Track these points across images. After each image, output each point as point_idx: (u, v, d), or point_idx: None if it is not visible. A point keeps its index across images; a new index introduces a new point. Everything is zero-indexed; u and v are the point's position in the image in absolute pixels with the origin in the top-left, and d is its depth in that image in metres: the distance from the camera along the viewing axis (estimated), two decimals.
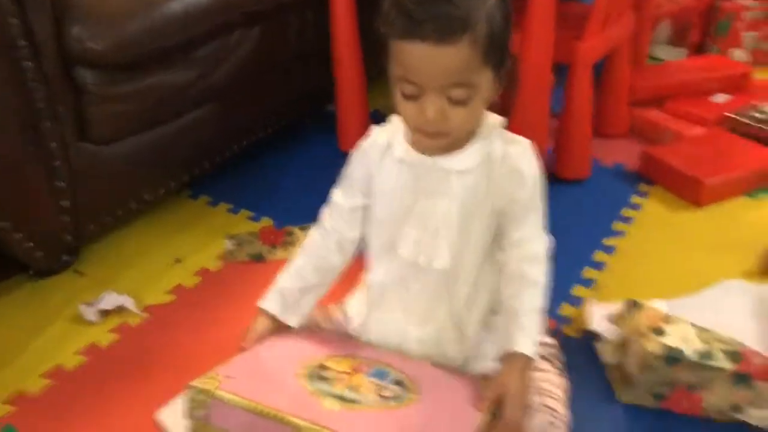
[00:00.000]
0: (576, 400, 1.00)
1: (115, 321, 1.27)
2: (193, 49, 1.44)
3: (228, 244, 1.47)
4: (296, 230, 1.50)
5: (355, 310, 1.03)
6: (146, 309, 1.30)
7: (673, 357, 1.01)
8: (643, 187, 1.64)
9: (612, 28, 1.62)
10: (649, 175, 1.65)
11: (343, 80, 1.76)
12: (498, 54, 0.81)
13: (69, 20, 1.22)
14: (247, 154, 1.75)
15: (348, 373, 0.86)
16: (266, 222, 1.56)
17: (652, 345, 1.02)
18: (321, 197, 0.99)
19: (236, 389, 0.80)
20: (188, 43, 1.41)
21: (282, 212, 1.57)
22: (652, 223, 1.52)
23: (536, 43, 1.41)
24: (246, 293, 1.31)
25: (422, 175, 0.89)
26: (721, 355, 1.01)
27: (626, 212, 1.56)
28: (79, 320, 1.27)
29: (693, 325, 1.06)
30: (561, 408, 0.97)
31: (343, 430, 0.74)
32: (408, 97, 0.81)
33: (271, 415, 0.77)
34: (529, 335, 0.87)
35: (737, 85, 1.94)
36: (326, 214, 0.99)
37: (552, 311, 1.24)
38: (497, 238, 0.92)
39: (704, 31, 2.36)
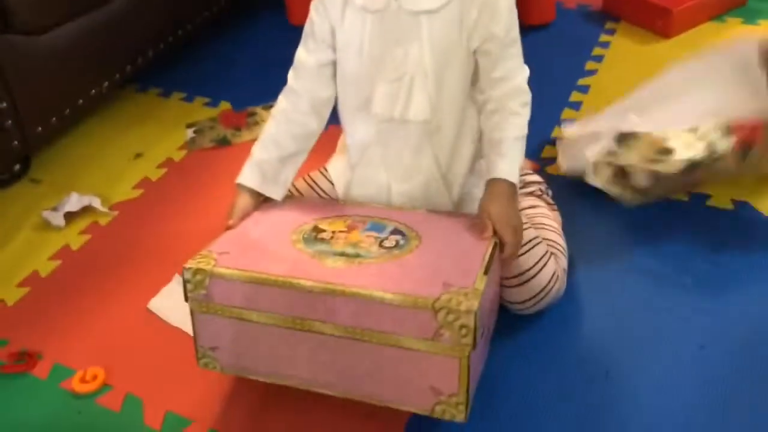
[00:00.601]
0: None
1: (83, 222, 1.21)
2: None
3: (188, 133, 1.40)
4: (259, 110, 1.43)
5: (338, 173, 0.99)
6: (114, 207, 1.24)
7: (691, 165, 1.03)
8: (609, 24, 1.60)
9: None
10: (614, 12, 1.60)
11: None
12: None
13: None
14: (192, 39, 1.64)
15: (344, 232, 0.83)
16: (225, 106, 1.48)
17: (670, 166, 1.03)
18: (278, 75, 0.93)
19: (234, 263, 0.77)
20: None
21: (239, 95, 1.49)
22: (623, 59, 1.48)
23: None
24: (217, 178, 1.26)
25: (388, 21, 0.82)
26: (719, 141, 1.03)
27: (596, 51, 1.52)
28: (46, 227, 1.20)
29: (684, 130, 1.06)
30: (558, 238, 0.96)
31: (350, 283, 0.71)
32: None
33: (275, 281, 0.73)
34: (511, 162, 0.84)
35: None
36: (292, 77, 0.91)
37: (535, 154, 1.22)
38: (476, 79, 0.87)
39: None
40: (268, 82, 1.46)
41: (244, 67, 1.61)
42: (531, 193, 1.03)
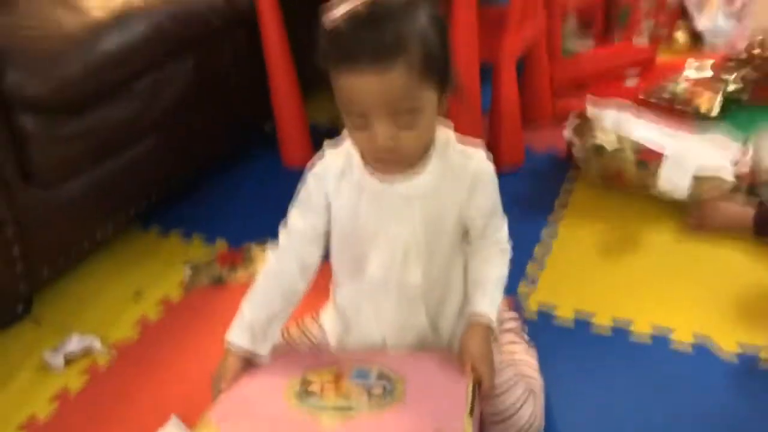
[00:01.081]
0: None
1: (83, 363, 1.26)
2: (131, 84, 1.44)
3: (186, 271, 1.48)
4: (253, 247, 1.52)
5: (330, 324, 1.05)
6: (113, 347, 1.29)
7: (597, 150, 1.54)
8: (572, 172, 1.74)
9: (528, 26, 1.73)
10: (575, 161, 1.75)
11: (280, 99, 1.80)
12: (438, 72, 0.80)
13: (5, 66, 1.21)
14: (193, 180, 1.76)
15: (332, 382, 0.87)
16: (221, 244, 1.57)
17: (586, 144, 1.56)
18: (272, 212, 0.99)
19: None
20: (126, 79, 1.42)
21: (235, 232, 1.59)
22: (587, 198, 1.62)
23: (464, 47, 1.49)
24: (212, 319, 1.33)
25: (383, 201, 0.89)
26: (629, 150, 1.51)
27: (563, 192, 1.66)
28: (46, 368, 1.25)
29: (616, 132, 1.52)
30: (536, 375, 1.04)
31: None
32: (357, 128, 0.81)
33: None
34: (491, 302, 0.92)
35: (644, 68, 2.09)
36: (284, 238, 0.97)
37: (511, 290, 1.32)
38: (464, 236, 0.96)
39: (607, 22, 2.52)
40: (262, 220, 1.53)
41: (241, 205, 1.72)
42: (510, 330, 1.12)
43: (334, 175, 0.91)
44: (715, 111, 1.83)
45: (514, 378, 0.97)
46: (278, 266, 0.96)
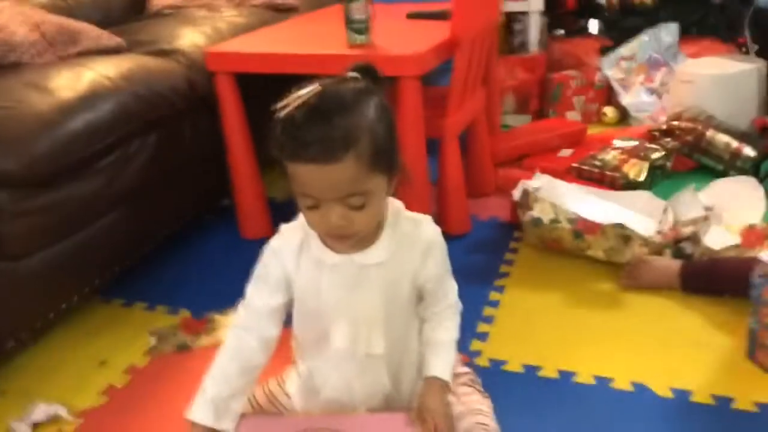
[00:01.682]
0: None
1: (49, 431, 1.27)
2: (97, 161, 1.52)
3: (151, 340, 1.52)
4: (216, 316, 1.58)
5: (295, 390, 1.09)
6: (80, 414, 1.31)
7: (535, 222, 1.69)
8: (517, 233, 1.88)
9: (468, 104, 1.89)
10: (519, 222, 1.89)
11: (238, 174, 1.89)
12: (386, 160, 0.85)
13: None
14: (154, 253, 1.81)
15: None
16: (185, 313, 1.62)
17: (525, 216, 1.71)
18: (233, 282, 1.03)
19: None
20: (92, 156, 1.50)
21: (198, 302, 1.64)
22: (530, 260, 1.75)
23: (410, 125, 1.63)
24: (180, 384, 1.37)
25: (343, 272, 0.93)
26: (564, 220, 1.66)
27: (508, 255, 1.78)
28: None
29: (551, 203, 1.67)
30: (491, 422, 1.11)
31: None
32: (310, 209, 0.86)
33: None
34: (445, 362, 0.99)
35: (576, 140, 2.28)
36: (242, 315, 0.98)
37: (463, 348, 1.41)
38: (419, 301, 1.01)
39: (542, 99, 2.74)
40: (224, 289, 1.57)
41: (202, 275, 1.78)
42: (464, 384, 1.20)
43: (293, 251, 0.95)
44: (643, 176, 2.00)
45: (474, 426, 1.05)
46: (237, 343, 0.99)
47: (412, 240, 0.95)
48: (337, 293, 0.95)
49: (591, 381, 1.31)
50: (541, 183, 1.79)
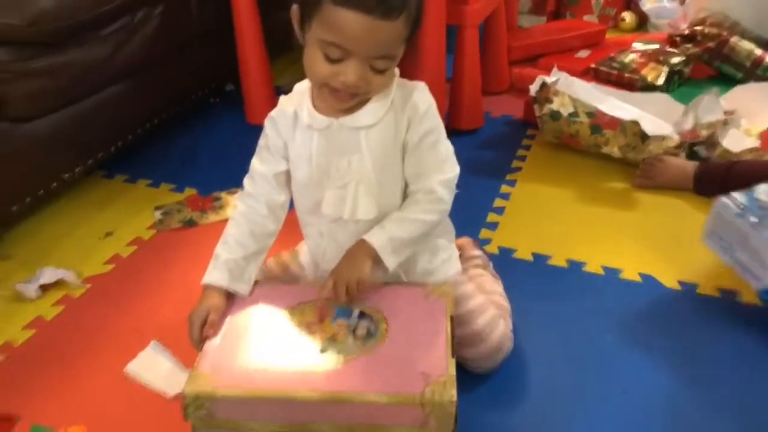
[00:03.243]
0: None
1: (57, 294, 1.27)
2: (102, 27, 1.45)
3: (157, 215, 1.50)
4: (223, 194, 1.55)
5: (306, 259, 1.10)
6: (87, 280, 1.31)
7: (553, 115, 1.64)
8: (530, 130, 1.84)
9: None
10: (533, 121, 1.85)
11: (246, 57, 1.82)
12: (415, 28, 0.85)
13: None
14: (157, 132, 1.77)
15: (317, 323, 0.90)
16: (191, 191, 1.59)
17: (543, 109, 1.65)
18: (239, 164, 1.03)
19: (231, 381, 0.82)
20: (97, 21, 1.43)
21: (203, 182, 1.61)
22: (543, 156, 1.72)
23: (432, 9, 1.54)
24: (186, 254, 1.37)
25: (332, 136, 0.92)
26: (582, 114, 1.61)
27: (520, 152, 1.75)
28: (19, 298, 1.26)
29: (570, 96, 1.63)
30: (505, 302, 1.12)
31: (344, 388, 0.80)
32: (329, 60, 0.83)
33: (275, 397, 0.80)
34: (387, 232, 0.93)
35: (595, 41, 2.21)
36: (249, 184, 1.00)
37: (473, 236, 1.40)
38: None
39: (558, 2, 2.63)
40: (229, 171, 1.55)
41: (207, 157, 1.74)
42: (477, 265, 1.20)
43: (288, 120, 0.95)
44: (661, 80, 1.94)
45: (485, 304, 1.05)
46: (246, 208, 1.00)
47: (401, 105, 0.92)
48: (327, 158, 0.93)
49: (600, 271, 1.31)
50: (558, 77, 1.73)
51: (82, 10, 1.37)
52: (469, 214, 1.46)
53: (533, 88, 1.71)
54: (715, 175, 1.51)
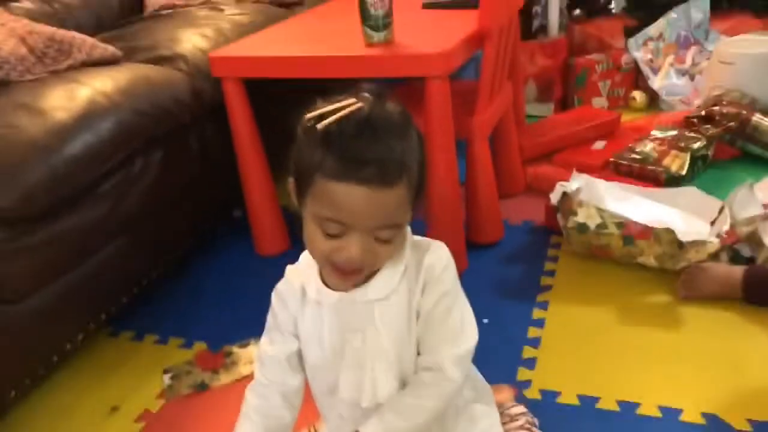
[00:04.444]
0: None
1: None
2: (98, 186, 1.38)
3: (165, 380, 1.39)
4: (235, 349, 1.45)
5: None
6: None
7: (580, 228, 1.54)
8: (555, 238, 1.73)
9: (497, 100, 1.73)
10: (557, 228, 1.74)
11: (251, 188, 1.75)
12: (420, 190, 0.79)
13: None
14: (162, 278, 1.68)
15: None
16: (200, 346, 1.49)
17: (568, 222, 1.55)
18: (249, 307, 0.97)
19: None
20: (93, 182, 1.36)
21: (214, 332, 1.51)
22: (574, 270, 1.60)
23: (438, 129, 1.47)
24: (200, 427, 1.24)
25: (343, 311, 0.85)
26: (612, 225, 1.51)
27: (548, 265, 1.63)
28: None
29: (596, 207, 1.54)
30: None
31: None
32: (329, 236, 0.76)
33: None
34: (383, 425, 0.83)
35: (610, 130, 2.13)
36: (259, 370, 0.92)
37: (510, 378, 1.27)
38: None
39: (565, 86, 2.58)
40: (240, 315, 1.48)
41: (216, 301, 1.64)
42: (521, 426, 1.07)
43: (296, 295, 0.88)
44: (685, 169, 1.85)
45: None
46: (258, 401, 0.92)
47: (415, 269, 0.84)
48: (340, 336, 0.85)
49: (656, 413, 1.18)
50: (579, 184, 1.64)
51: (76, 176, 1.30)
52: (503, 350, 1.35)
53: (554, 197, 1.62)
54: (765, 281, 1.38)
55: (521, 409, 1.12)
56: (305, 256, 0.89)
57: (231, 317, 1.56)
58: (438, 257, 0.85)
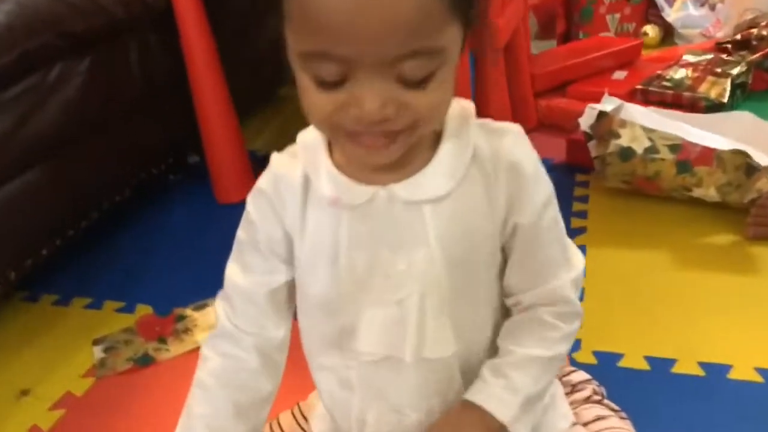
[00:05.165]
0: None
1: None
2: (2, 89, 1.03)
3: (96, 352, 1.06)
4: (189, 312, 1.12)
5: (321, 423, 0.67)
6: None
7: (623, 153, 1.24)
8: (580, 176, 1.44)
9: (509, 10, 1.42)
10: (582, 163, 1.46)
11: (208, 120, 1.43)
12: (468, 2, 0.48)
13: None
14: (97, 230, 1.34)
15: None
16: (144, 310, 1.16)
17: (608, 147, 1.25)
18: (208, 263, 0.67)
19: None
20: None
21: (163, 293, 1.19)
22: (609, 209, 1.31)
23: None
24: (136, 416, 0.92)
25: (376, 219, 0.54)
26: (664, 149, 1.22)
27: (577, 206, 1.34)
28: None
29: (642, 127, 1.24)
30: None
31: None
32: (327, 85, 0.47)
33: None
34: (512, 389, 0.55)
35: (631, 58, 1.84)
36: (225, 312, 0.60)
37: None
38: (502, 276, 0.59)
39: (569, 20, 2.29)
40: (196, 273, 1.19)
41: (166, 257, 1.31)
42: (588, 399, 0.76)
43: (294, 191, 0.56)
44: (726, 97, 1.58)
45: None
46: (223, 365, 0.60)
47: (492, 160, 0.54)
48: (366, 256, 0.54)
49: (756, 377, 0.89)
50: (613, 106, 1.34)
51: None
52: None
53: (585, 122, 1.32)
54: None
55: (583, 375, 0.81)
56: (304, 138, 0.57)
57: (185, 276, 1.23)
58: (524, 144, 0.56)
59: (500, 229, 0.55)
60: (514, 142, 0.55)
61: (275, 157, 0.58)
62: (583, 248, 1.18)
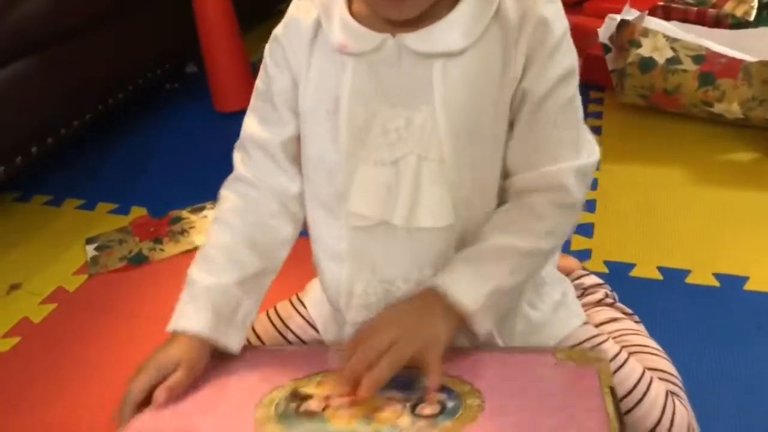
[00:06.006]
0: None
1: None
2: None
3: (89, 250, 1.03)
4: (185, 213, 1.08)
5: (319, 310, 0.65)
6: None
7: (644, 64, 1.17)
8: (595, 93, 1.39)
9: None
10: (597, 81, 1.40)
11: (209, 26, 1.37)
12: None
13: None
14: (89, 132, 1.29)
15: (346, 396, 0.49)
16: (139, 212, 1.12)
17: (628, 57, 1.18)
18: (206, 168, 0.68)
19: None
20: None
21: (157, 198, 1.16)
22: (625, 124, 1.26)
23: None
24: (130, 313, 0.90)
25: (381, 69, 0.51)
26: (687, 59, 1.15)
27: (591, 121, 1.29)
28: None
29: (665, 36, 1.18)
30: (668, 365, 0.65)
31: None
32: None
33: None
34: (480, 277, 0.51)
35: None
36: (242, 163, 0.59)
37: (563, 249, 0.94)
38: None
39: None
40: (193, 178, 1.15)
41: (163, 162, 1.28)
42: (600, 302, 0.73)
43: (304, 36, 0.54)
44: (753, 15, 1.50)
45: (645, 377, 0.59)
46: (241, 203, 0.58)
47: (517, 20, 0.50)
48: (366, 108, 0.52)
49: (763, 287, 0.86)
50: (644, 14, 1.28)
51: None
52: None
53: (604, 33, 1.25)
54: None
55: (595, 279, 0.78)
56: None
57: (182, 180, 1.19)
58: (558, 7, 0.51)
59: (510, 97, 0.51)
60: (546, 4, 0.50)
61: (294, 2, 0.56)
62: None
